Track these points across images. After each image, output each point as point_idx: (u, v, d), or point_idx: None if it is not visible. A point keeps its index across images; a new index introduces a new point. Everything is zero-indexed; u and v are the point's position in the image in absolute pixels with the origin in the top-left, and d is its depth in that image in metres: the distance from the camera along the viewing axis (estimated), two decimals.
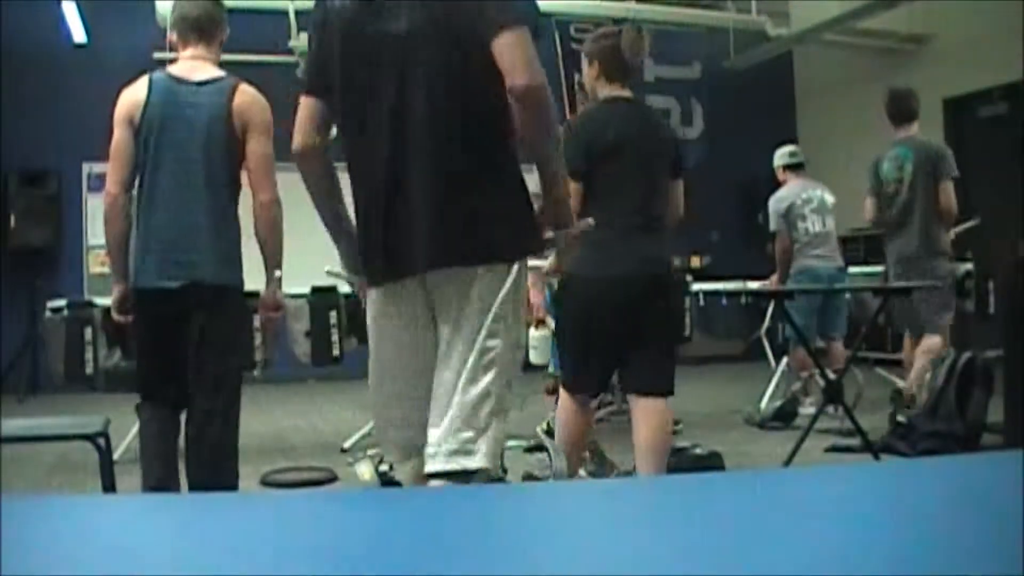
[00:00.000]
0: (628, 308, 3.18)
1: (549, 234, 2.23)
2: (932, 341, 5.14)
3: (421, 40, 2.08)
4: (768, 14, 8.72)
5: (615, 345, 3.24)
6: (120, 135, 3.02)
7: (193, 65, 3.07)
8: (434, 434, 2.11)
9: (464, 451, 2.08)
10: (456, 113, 2.10)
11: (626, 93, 3.31)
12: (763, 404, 5.85)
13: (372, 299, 2.39)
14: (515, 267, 2.13)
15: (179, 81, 3.03)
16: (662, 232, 3.28)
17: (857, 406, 5.02)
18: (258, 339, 4.80)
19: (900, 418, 4.79)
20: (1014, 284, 3.73)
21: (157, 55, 8.22)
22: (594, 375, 3.34)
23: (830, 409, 4.59)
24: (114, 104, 3.07)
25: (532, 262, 2.42)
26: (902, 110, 5.31)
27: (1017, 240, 5.80)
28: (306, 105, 2.25)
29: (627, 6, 8.65)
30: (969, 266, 6.06)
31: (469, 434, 2.09)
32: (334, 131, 2.28)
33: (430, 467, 2.10)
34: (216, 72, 3.09)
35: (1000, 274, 6.03)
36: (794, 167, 6.05)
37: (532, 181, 2.26)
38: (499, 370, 2.13)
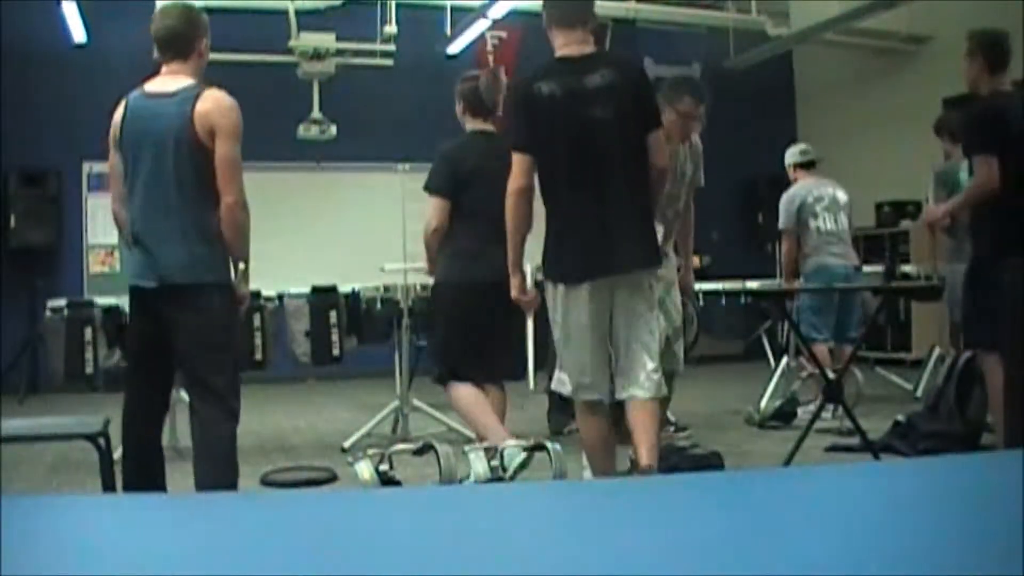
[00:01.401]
0: (487, 306, 3.76)
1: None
2: None
3: (615, 123, 3.19)
4: (768, 14, 8.72)
5: (486, 337, 3.85)
6: (111, 155, 3.23)
7: (166, 80, 3.17)
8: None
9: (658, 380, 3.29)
10: (634, 169, 3.26)
11: (487, 127, 4.00)
12: (763, 404, 5.85)
13: (565, 291, 3.26)
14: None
15: (150, 96, 3.16)
16: None
17: (857, 406, 5.02)
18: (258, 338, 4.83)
19: (899, 418, 4.79)
20: (1014, 284, 3.73)
21: (157, 55, 8.24)
22: (478, 363, 3.90)
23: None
24: (119, 99, 3.22)
25: None
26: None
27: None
28: (522, 160, 3.22)
29: (627, 6, 8.64)
30: None
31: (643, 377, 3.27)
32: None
33: (640, 393, 3.26)
34: (187, 82, 3.15)
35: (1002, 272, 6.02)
36: (805, 165, 6.04)
37: None
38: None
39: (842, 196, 5.93)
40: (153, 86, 3.19)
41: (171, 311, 3.12)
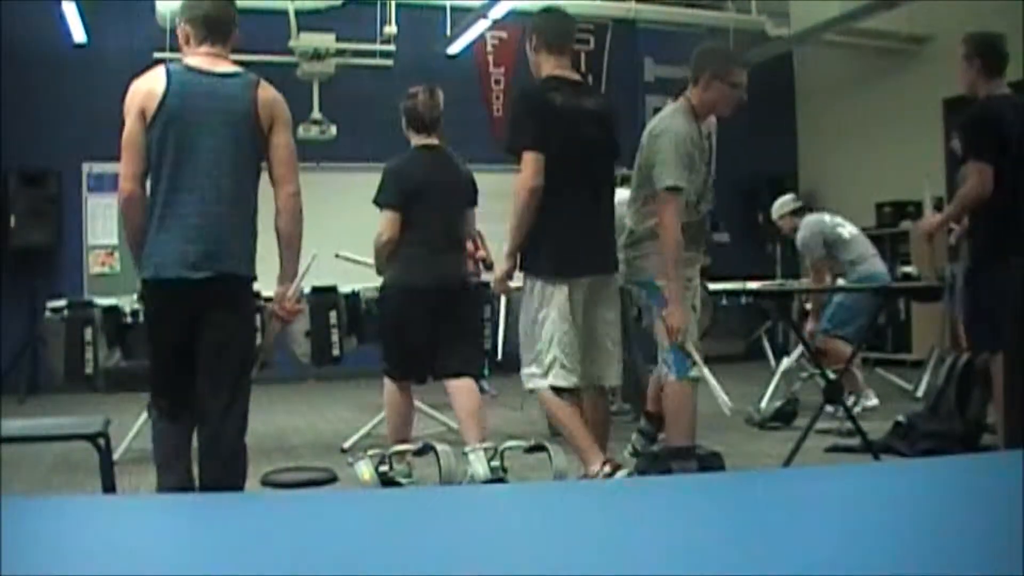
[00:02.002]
0: (434, 309, 4.00)
1: None
2: None
3: (604, 143, 3.66)
4: (768, 14, 8.72)
5: (427, 338, 4.05)
6: (133, 127, 2.94)
7: (210, 60, 3.01)
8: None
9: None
10: (610, 187, 3.80)
11: (431, 141, 4.13)
12: (763, 404, 5.85)
13: (556, 287, 3.54)
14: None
15: (201, 72, 2.97)
16: (460, 251, 4.25)
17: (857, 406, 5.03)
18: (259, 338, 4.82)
19: (899, 418, 4.79)
20: (1011, 285, 3.73)
21: (157, 55, 8.21)
22: (414, 364, 4.12)
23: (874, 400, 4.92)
24: (123, 97, 3.02)
25: None
26: None
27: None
28: (536, 159, 3.45)
29: (627, 6, 8.64)
30: None
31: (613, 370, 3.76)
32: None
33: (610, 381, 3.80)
34: (235, 67, 3.07)
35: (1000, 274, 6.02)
36: (798, 211, 6.14)
37: None
38: None
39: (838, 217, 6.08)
40: (197, 63, 2.99)
41: (219, 305, 2.94)
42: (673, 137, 3.64)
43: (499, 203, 6.70)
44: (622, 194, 4.00)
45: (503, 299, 5.44)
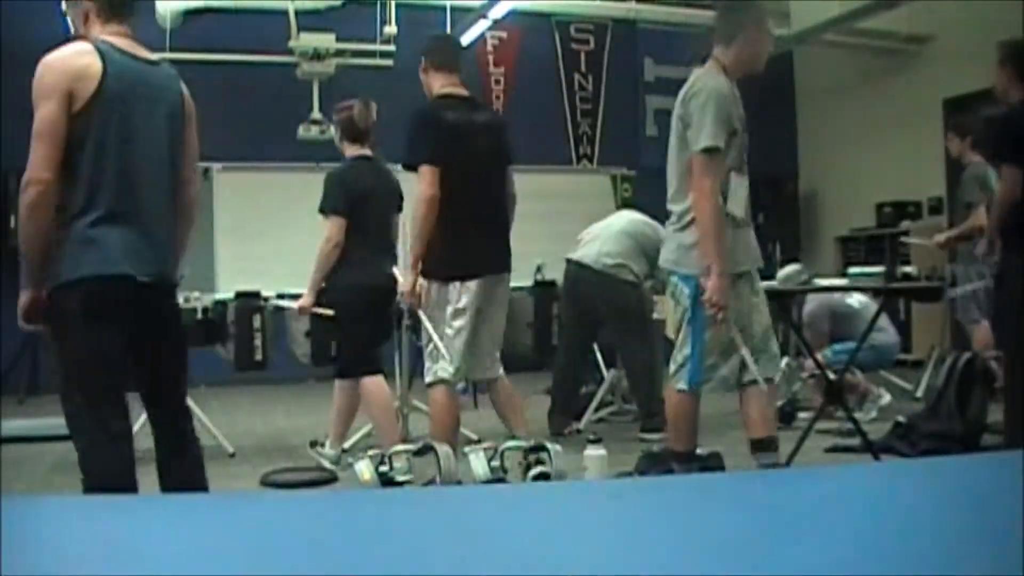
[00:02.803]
0: (379, 307, 4.37)
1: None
2: None
3: (493, 151, 3.94)
4: (768, 14, 8.72)
5: (373, 334, 4.39)
6: (54, 111, 2.57)
7: (129, 42, 2.68)
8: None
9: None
10: (502, 191, 4.02)
11: (365, 151, 4.46)
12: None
13: (456, 288, 3.81)
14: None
15: (128, 55, 2.64)
16: (393, 255, 4.53)
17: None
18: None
19: (899, 418, 4.79)
20: (1012, 284, 3.73)
21: (157, 55, 8.23)
22: (371, 360, 4.39)
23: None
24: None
25: None
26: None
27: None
28: (432, 171, 3.70)
29: (627, 6, 8.64)
30: None
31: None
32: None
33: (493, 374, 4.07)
34: (149, 54, 2.76)
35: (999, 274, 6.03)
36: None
37: None
38: None
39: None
40: (122, 44, 2.65)
41: (162, 311, 2.70)
42: (710, 94, 3.45)
43: None
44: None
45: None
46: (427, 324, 3.87)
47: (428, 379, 3.90)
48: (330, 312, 4.41)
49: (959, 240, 5.46)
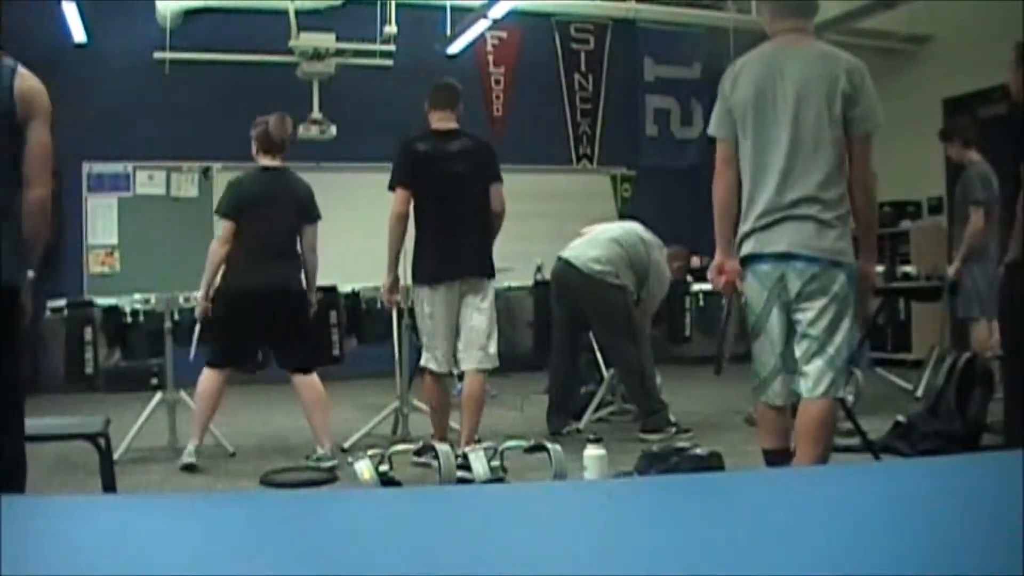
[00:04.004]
0: (260, 311, 4.51)
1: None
2: None
3: (467, 174, 4.43)
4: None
5: (250, 336, 4.65)
6: None
7: None
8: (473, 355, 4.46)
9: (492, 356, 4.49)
10: (478, 208, 4.47)
11: (275, 163, 4.69)
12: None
13: (430, 291, 4.38)
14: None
15: None
16: (292, 258, 4.67)
17: (856, 406, 5.02)
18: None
19: (899, 418, 4.79)
20: (1012, 284, 3.72)
21: (157, 55, 8.24)
22: (234, 355, 4.66)
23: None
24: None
25: None
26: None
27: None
28: (401, 193, 4.37)
29: (627, 6, 8.64)
30: None
31: (481, 353, 4.44)
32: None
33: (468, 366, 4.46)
34: None
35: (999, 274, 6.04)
36: None
37: None
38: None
39: None
40: None
41: None
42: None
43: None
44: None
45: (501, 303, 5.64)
46: (420, 322, 4.49)
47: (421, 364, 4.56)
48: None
49: (967, 258, 5.53)
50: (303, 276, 4.71)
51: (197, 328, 4.98)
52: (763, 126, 3.11)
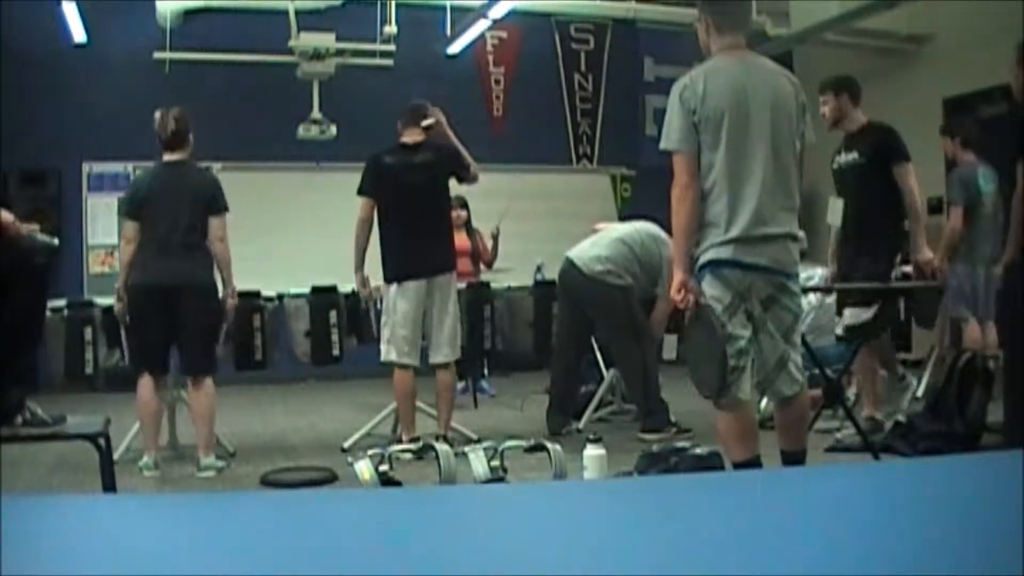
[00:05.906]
0: (164, 307, 4.44)
1: None
2: None
3: (428, 182, 4.83)
4: (768, 14, 8.71)
5: (159, 333, 4.50)
6: None
7: None
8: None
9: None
10: (439, 211, 4.94)
11: (175, 157, 4.63)
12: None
13: (397, 288, 4.77)
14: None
15: None
16: (195, 252, 4.53)
17: (856, 405, 5.01)
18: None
19: (900, 418, 4.79)
20: (1012, 284, 3.72)
21: (157, 55, 8.23)
22: (150, 357, 4.53)
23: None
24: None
25: None
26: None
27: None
28: (364, 201, 4.84)
29: (627, 6, 8.63)
30: None
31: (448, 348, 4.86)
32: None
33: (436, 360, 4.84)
34: None
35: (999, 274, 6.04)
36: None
37: None
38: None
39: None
40: None
41: None
42: None
43: (497, 201, 6.71)
44: None
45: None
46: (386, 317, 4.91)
47: (382, 358, 4.87)
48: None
49: (948, 256, 5.56)
50: (216, 270, 4.62)
51: (122, 331, 4.92)
52: (741, 137, 3.19)
